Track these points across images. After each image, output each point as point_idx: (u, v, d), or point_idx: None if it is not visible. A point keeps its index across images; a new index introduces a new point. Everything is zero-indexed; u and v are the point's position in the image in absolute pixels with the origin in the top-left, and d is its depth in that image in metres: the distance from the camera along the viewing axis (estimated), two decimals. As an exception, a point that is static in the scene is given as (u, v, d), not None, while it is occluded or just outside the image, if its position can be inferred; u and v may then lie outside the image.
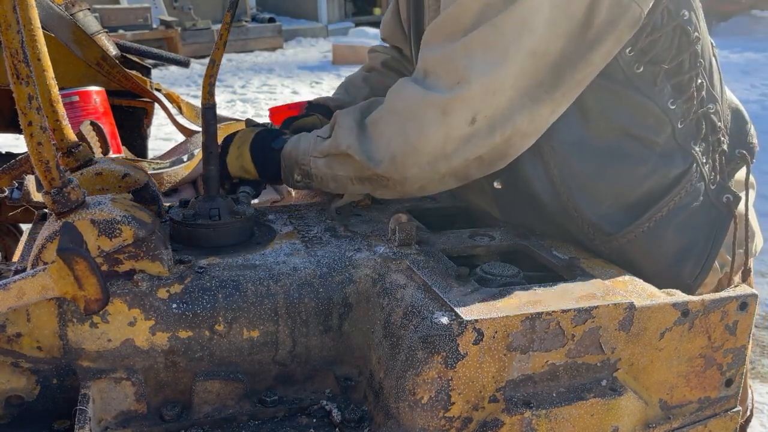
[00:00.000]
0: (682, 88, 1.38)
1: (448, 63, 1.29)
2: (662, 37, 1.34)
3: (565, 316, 1.14)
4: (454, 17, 1.30)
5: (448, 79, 1.29)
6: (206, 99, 1.42)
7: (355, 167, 1.41)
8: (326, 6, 15.32)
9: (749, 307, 1.25)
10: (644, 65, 1.34)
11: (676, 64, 1.36)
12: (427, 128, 1.30)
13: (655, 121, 1.36)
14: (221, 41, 1.41)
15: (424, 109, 1.30)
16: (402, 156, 1.34)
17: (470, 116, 1.27)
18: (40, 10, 1.95)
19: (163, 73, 10.00)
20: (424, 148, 1.31)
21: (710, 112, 1.42)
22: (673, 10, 1.34)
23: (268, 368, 1.27)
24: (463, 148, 1.31)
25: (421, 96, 1.31)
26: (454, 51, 1.29)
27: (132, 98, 2.44)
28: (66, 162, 1.37)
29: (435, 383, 1.10)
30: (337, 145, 1.42)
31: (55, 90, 1.29)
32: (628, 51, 1.32)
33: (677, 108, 1.37)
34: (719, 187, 1.43)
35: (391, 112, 1.36)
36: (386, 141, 1.35)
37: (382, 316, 1.23)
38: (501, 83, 1.26)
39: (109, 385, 1.18)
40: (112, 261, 1.20)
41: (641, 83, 1.35)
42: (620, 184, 1.38)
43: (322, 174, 1.48)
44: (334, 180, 1.47)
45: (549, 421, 1.14)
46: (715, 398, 1.29)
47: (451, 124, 1.28)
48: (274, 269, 1.28)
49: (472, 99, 1.27)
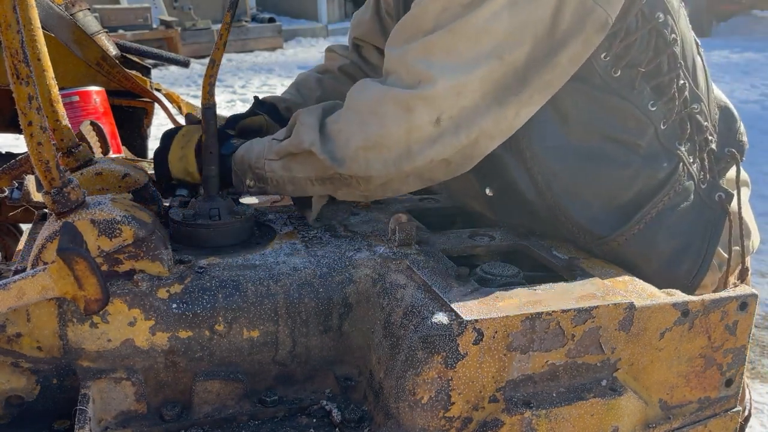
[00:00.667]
0: (663, 90, 1.38)
1: (407, 63, 1.30)
2: (637, 40, 1.34)
3: (565, 316, 1.14)
4: (415, 19, 1.31)
5: (409, 78, 1.29)
6: (206, 99, 1.43)
7: (316, 167, 1.37)
8: (326, 6, 15.33)
9: (749, 307, 1.25)
10: (621, 69, 1.34)
11: (654, 66, 1.36)
12: (389, 123, 1.28)
13: (637, 124, 1.36)
14: (221, 41, 1.41)
15: (385, 105, 1.29)
16: (364, 152, 1.31)
17: (435, 116, 1.27)
18: (40, 10, 1.95)
19: (163, 73, 9.99)
20: (386, 143, 1.30)
21: (695, 112, 1.42)
22: (647, 13, 1.34)
23: (268, 368, 1.27)
24: (429, 149, 1.29)
25: (383, 92, 1.30)
26: (412, 51, 1.29)
27: (132, 98, 2.43)
28: (66, 162, 1.37)
29: (435, 383, 1.10)
30: (298, 143, 1.37)
31: (55, 90, 1.29)
32: (603, 56, 1.32)
33: (658, 109, 1.37)
34: (710, 185, 1.43)
35: (352, 109, 1.34)
36: (347, 138, 1.33)
37: (382, 316, 1.23)
38: (465, 85, 1.26)
39: (109, 385, 1.18)
40: (112, 261, 1.20)
41: (619, 87, 1.35)
42: (606, 188, 1.37)
43: (278, 177, 1.43)
44: (291, 182, 1.43)
45: (549, 421, 1.14)
46: (715, 398, 1.29)
47: (414, 122, 1.27)
48: (274, 269, 1.28)
49: (436, 98, 1.26)
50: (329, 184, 1.40)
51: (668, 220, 1.39)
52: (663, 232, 1.38)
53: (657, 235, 1.38)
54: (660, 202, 1.38)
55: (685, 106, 1.41)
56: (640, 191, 1.38)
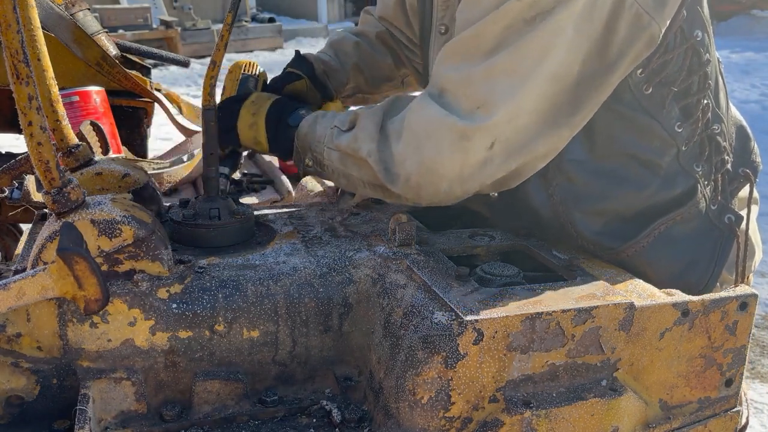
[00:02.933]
0: (690, 111, 1.36)
1: (468, 86, 1.26)
2: (674, 58, 1.31)
3: (565, 316, 1.14)
4: (475, 38, 1.26)
5: (467, 103, 1.25)
6: (207, 100, 1.43)
7: (370, 174, 1.37)
8: (326, 6, 15.33)
9: (749, 307, 1.25)
10: (653, 86, 1.31)
11: (686, 86, 1.34)
12: (444, 151, 1.26)
13: (661, 144, 1.34)
14: (222, 42, 1.41)
15: (442, 132, 1.26)
16: (417, 177, 1.30)
17: (489, 142, 1.25)
18: (40, 10, 1.95)
19: (163, 73, 9.99)
20: (439, 170, 1.28)
21: (715, 133, 1.39)
22: (686, 30, 1.31)
23: (268, 368, 1.27)
24: (480, 173, 1.28)
25: (440, 117, 1.27)
26: (474, 75, 1.25)
27: (132, 98, 2.44)
28: (66, 162, 1.37)
29: (435, 383, 1.10)
30: (356, 149, 1.37)
31: (55, 90, 1.29)
32: (639, 72, 1.29)
33: (684, 131, 1.35)
34: (720, 207, 1.41)
35: (409, 130, 1.31)
36: (403, 159, 1.31)
37: (382, 316, 1.23)
38: (521, 109, 1.23)
39: (109, 385, 1.18)
40: (112, 261, 1.20)
41: (649, 105, 1.32)
42: (621, 205, 1.36)
43: (334, 167, 1.43)
44: (345, 177, 1.43)
45: (549, 421, 1.14)
46: (715, 398, 1.29)
47: (469, 150, 1.25)
48: (274, 269, 1.28)
49: (494, 127, 1.23)
50: (380, 191, 1.40)
51: (676, 237, 1.37)
52: (670, 249, 1.37)
53: (664, 251, 1.37)
54: (671, 220, 1.36)
55: (707, 127, 1.39)
56: (652, 207, 1.37)
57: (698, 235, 1.39)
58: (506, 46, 1.22)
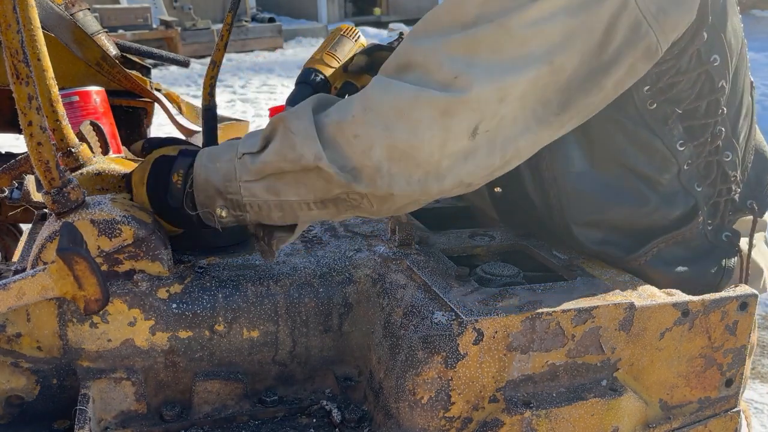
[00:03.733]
0: (694, 133, 1.31)
1: (442, 58, 1.09)
2: (684, 81, 1.26)
3: (565, 316, 1.14)
4: (452, 8, 1.13)
5: (441, 76, 1.09)
6: (207, 100, 1.43)
7: (317, 185, 1.13)
8: (326, 6, 15.33)
9: (749, 307, 1.25)
10: (658, 103, 1.27)
11: (692, 108, 1.29)
12: (423, 130, 1.08)
13: (662, 161, 1.31)
14: (222, 42, 1.41)
15: (419, 108, 1.08)
16: (389, 163, 1.10)
17: (473, 124, 1.09)
18: (40, 10, 1.94)
19: (163, 73, 9.99)
20: (416, 154, 1.09)
21: (725, 160, 1.35)
22: (703, 54, 1.26)
23: (268, 368, 1.27)
24: (460, 167, 1.11)
25: (415, 92, 1.08)
26: (451, 45, 1.10)
27: (132, 98, 2.43)
28: (66, 162, 1.37)
29: (435, 383, 1.10)
30: (295, 158, 1.11)
31: (55, 90, 1.29)
32: (646, 89, 1.25)
33: (686, 150, 1.31)
34: (716, 227, 1.38)
35: (373, 110, 1.10)
36: (368, 145, 1.10)
37: (382, 316, 1.23)
38: (509, 91, 1.09)
39: (109, 385, 1.18)
40: (112, 261, 1.20)
41: (652, 120, 1.28)
42: (620, 219, 1.34)
43: (261, 202, 1.16)
44: (279, 208, 1.17)
45: (549, 421, 1.14)
46: (715, 398, 1.29)
47: (451, 130, 1.08)
48: (274, 269, 1.28)
49: (478, 103, 1.08)
50: (332, 207, 1.16)
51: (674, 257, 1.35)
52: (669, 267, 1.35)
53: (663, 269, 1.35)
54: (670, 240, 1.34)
55: (717, 152, 1.34)
56: (651, 225, 1.34)
57: (699, 255, 1.37)
58: (490, 20, 1.09)
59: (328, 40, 1.72)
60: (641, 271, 1.34)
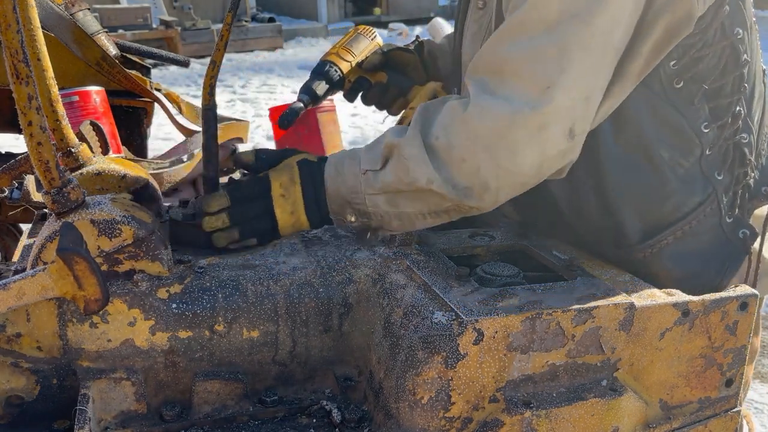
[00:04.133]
0: (719, 114, 1.32)
1: (536, 63, 1.15)
2: (710, 54, 1.28)
3: (565, 316, 1.14)
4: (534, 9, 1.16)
5: (534, 85, 1.15)
6: (207, 100, 1.42)
7: (432, 202, 1.26)
8: (326, 6, 15.33)
9: (749, 307, 1.25)
10: (684, 81, 1.28)
11: (718, 86, 1.31)
12: (521, 149, 1.17)
13: (686, 143, 1.31)
14: (222, 42, 1.41)
15: (515, 129, 1.16)
16: (496, 182, 1.20)
17: (567, 128, 1.16)
18: (40, 10, 1.94)
19: (163, 73, 9.99)
20: (519, 170, 1.19)
21: (742, 143, 1.35)
22: (727, 27, 1.27)
23: (268, 368, 1.27)
24: (559, 163, 1.21)
25: (509, 114, 1.16)
26: (540, 49, 1.14)
27: (132, 98, 2.43)
28: (66, 162, 1.37)
29: (435, 383, 1.10)
30: (411, 182, 1.24)
31: (55, 90, 1.29)
32: (672, 64, 1.26)
33: (710, 133, 1.32)
34: (735, 221, 1.37)
35: (474, 136, 1.20)
36: (474, 169, 1.20)
37: (382, 316, 1.23)
38: (595, 86, 1.16)
39: (109, 385, 1.18)
40: (112, 261, 1.20)
41: (678, 99, 1.29)
42: (637, 201, 1.34)
43: (382, 212, 1.29)
44: (397, 218, 1.29)
45: (549, 422, 1.14)
46: (716, 398, 1.29)
47: (548, 140, 1.17)
48: (274, 269, 1.28)
49: (568, 108, 1.15)
50: (444, 215, 1.29)
51: (684, 249, 1.35)
52: (676, 260, 1.35)
53: (669, 261, 1.35)
54: (679, 230, 1.34)
55: (735, 134, 1.35)
56: (668, 213, 1.34)
57: (709, 248, 1.36)
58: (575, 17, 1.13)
59: (346, 37, 1.77)
60: (649, 262, 1.35)
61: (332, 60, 1.70)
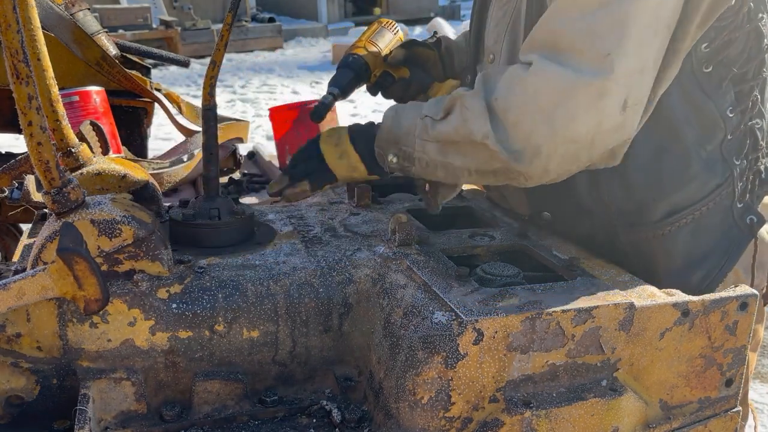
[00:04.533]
0: (742, 98, 1.35)
1: (593, 37, 1.16)
2: (739, 38, 1.30)
3: (565, 316, 1.14)
4: None
5: (594, 55, 1.16)
6: (207, 100, 1.43)
7: (482, 158, 1.26)
8: (326, 6, 15.34)
9: (749, 307, 1.25)
10: (713, 65, 1.31)
11: (744, 71, 1.33)
12: (580, 114, 1.18)
13: (711, 128, 1.34)
14: (222, 42, 1.41)
15: (577, 94, 1.17)
16: (548, 148, 1.20)
17: (623, 99, 1.18)
18: (40, 10, 1.95)
19: (163, 73, 10.00)
20: (573, 137, 1.19)
21: (756, 128, 1.38)
22: (752, 11, 1.30)
23: (268, 368, 1.27)
24: (610, 138, 1.22)
25: (571, 79, 1.17)
26: (598, 24, 1.16)
27: (132, 98, 2.43)
28: (66, 162, 1.37)
29: (435, 383, 1.10)
30: (467, 133, 1.25)
31: (55, 90, 1.29)
32: (704, 47, 1.28)
33: (734, 117, 1.34)
34: (745, 206, 1.40)
35: (533, 100, 1.20)
36: (528, 133, 1.21)
37: (382, 316, 1.23)
38: (647, 61, 1.18)
39: (109, 385, 1.18)
40: (112, 261, 1.20)
41: (707, 83, 1.31)
42: (663, 184, 1.36)
43: (429, 159, 1.31)
44: (444, 168, 1.31)
45: (549, 421, 1.14)
46: (716, 398, 1.29)
47: (605, 109, 1.17)
48: (274, 269, 1.28)
49: (626, 77, 1.17)
50: (490, 176, 1.30)
51: (698, 228, 1.37)
52: (689, 239, 1.37)
53: (683, 239, 1.37)
54: (698, 211, 1.36)
55: (751, 119, 1.37)
56: (688, 194, 1.36)
57: (717, 230, 1.39)
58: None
59: (371, 30, 1.78)
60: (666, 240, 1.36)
61: (359, 53, 1.71)
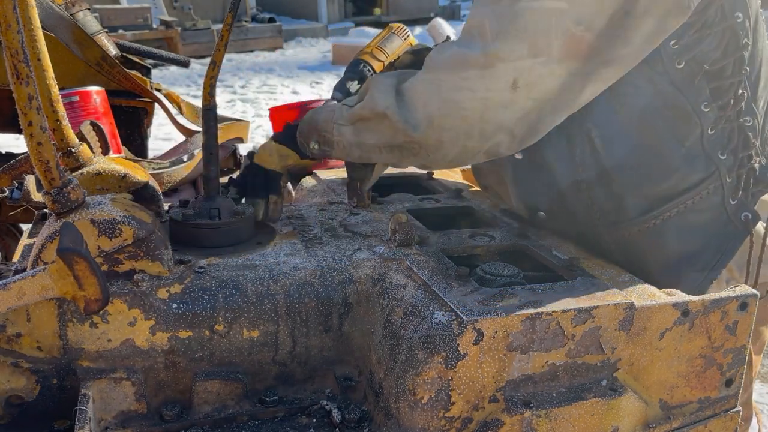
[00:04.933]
0: (720, 94, 1.35)
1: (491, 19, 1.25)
2: (710, 35, 1.31)
3: (565, 316, 1.14)
4: None
5: (488, 35, 1.24)
6: (207, 100, 1.43)
7: (387, 132, 1.35)
8: (326, 6, 15.34)
9: (749, 307, 1.25)
10: (685, 61, 1.32)
11: (719, 68, 1.34)
12: (466, 83, 1.25)
13: (686, 122, 1.34)
14: (222, 42, 1.41)
15: (464, 64, 1.26)
16: (439, 116, 1.28)
17: (511, 78, 1.23)
18: (40, 10, 1.95)
19: (163, 73, 10.00)
20: (461, 105, 1.26)
21: (746, 125, 1.38)
22: (726, 10, 1.31)
23: (268, 368, 1.27)
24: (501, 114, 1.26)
25: (461, 51, 1.26)
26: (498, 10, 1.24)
27: (132, 98, 2.44)
28: (66, 162, 1.37)
29: (435, 383, 1.10)
30: (372, 107, 1.35)
31: (55, 90, 1.29)
32: (672, 43, 1.30)
33: (710, 112, 1.35)
34: (739, 203, 1.40)
35: (430, 70, 1.31)
36: (423, 102, 1.30)
37: (382, 316, 1.23)
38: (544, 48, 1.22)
39: (109, 385, 1.18)
40: (112, 261, 1.20)
41: (679, 79, 1.33)
42: (639, 178, 1.37)
43: (346, 142, 1.41)
44: (359, 147, 1.41)
45: (549, 421, 1.14)
46: (715, 398, 1.29)
47: (491, 81, 1.24)
48: (274, 269, 1.28)
49: (516, 57, 1.22)
50: (397, 152, 1.38)
51: (686, 223, 1.37)
52: (677, 234, 1.38)
53: (670, 234, 1.37)
54: (682, 204, 1.37)
55: (738, 116, 1.38)
56: (669, 188, 1.37)
57: (709, 226, 1.39)
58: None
59: (380, 36, 1.80)
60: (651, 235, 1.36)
61: (365, 59, 1.74)
